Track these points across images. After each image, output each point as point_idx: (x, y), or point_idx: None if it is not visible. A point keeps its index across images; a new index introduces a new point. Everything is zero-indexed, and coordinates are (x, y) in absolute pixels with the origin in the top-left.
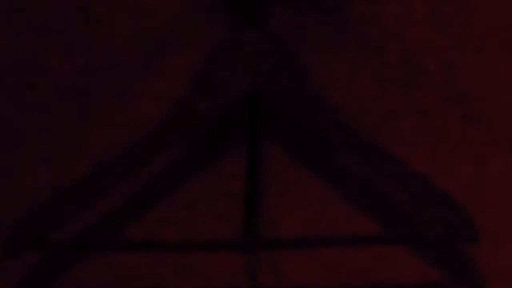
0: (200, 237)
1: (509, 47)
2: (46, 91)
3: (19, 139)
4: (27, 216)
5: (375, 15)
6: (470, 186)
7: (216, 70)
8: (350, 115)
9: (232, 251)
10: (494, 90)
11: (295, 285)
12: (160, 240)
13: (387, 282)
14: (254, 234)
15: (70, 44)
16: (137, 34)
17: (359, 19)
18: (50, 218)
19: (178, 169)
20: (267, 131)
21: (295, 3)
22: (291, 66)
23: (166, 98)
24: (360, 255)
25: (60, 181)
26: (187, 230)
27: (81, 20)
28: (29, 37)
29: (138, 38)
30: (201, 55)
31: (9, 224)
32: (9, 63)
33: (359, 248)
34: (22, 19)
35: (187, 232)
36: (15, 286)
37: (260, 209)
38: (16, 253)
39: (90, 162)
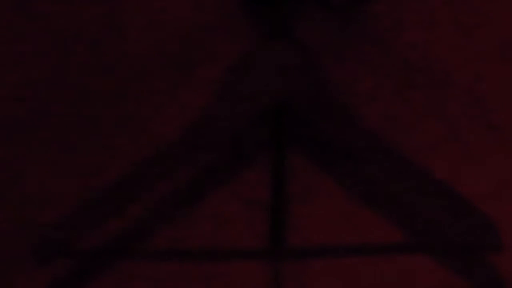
0: (224, 246)
1: None
2: (74, 101)
3: (46, 148)
4: (54, 225)
5: (399, 23)
6: (494, 194)
7: (242, 80)
8: (374, 125)
9: (257, 261)
10: None
11: None
12: (185, 249)
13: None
14: (279, 243)
15: (96, 53)
16: (164, 43)
17: (383, 28)
18: (76, 226)
19: (204, 177)
20: (292, 140)
21: (320, 14)
22: (316, 76)
23: (192, 107)
24: (385, 265)
25: (87, 190)
26: (212, 239)
27: (107, 30)
28: (56, 45)
29: (165, 48)
30: (227, 64)
31: (36, 232)
32: (36, 70)
33: (384, 258)
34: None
35: (211, 241)
36: None
37: (285, 218)
38: (43, 262)
39: (116, 171)
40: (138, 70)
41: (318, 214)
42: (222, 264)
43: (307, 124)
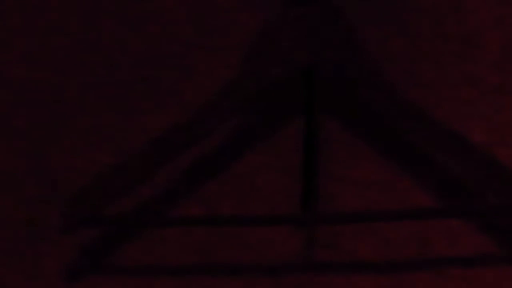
0: (257, 211)
1: None
2: (102, 81)
3: (73, 120)
4: (82, 192)
5: None
6: None
7: (273, 44)
8: (407, 89)
9: (289, 225)
10: None
11: (351, 259)
12: (217, 214)
13: (444, 253)
14: (311, 208)
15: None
16: (192, 7)
17: None
18: (105, 193)
19: (236, 142)
20: (324, 105)
21: None
22: (348, 39)
23: (220, 74)
24: (416, 227)
25: (115, 156)
26: (244, 204)
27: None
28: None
29: (193, 12)
30: (258, 28)
31: (65, 200)
32: (60, 49)
33: (416, 221)
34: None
35: (243, 206)
36: (70, 262)
37: (317, 184)
38: (71, 229)
39: (145, 138)
40: (168, 34)
41: (351, 179)
42: (254, 229)
43: (339, 88)
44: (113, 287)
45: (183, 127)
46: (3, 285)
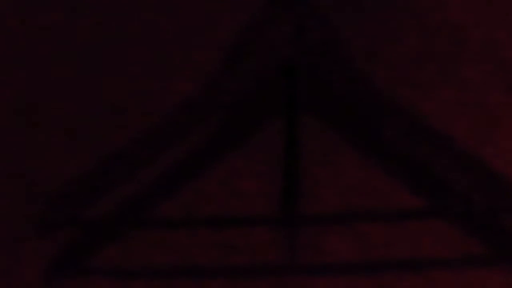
0: (237, 212)
1: None
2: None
3: (55, 121)
4: (59, 195)
5: None
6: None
7: (254, 43)
8: (389, 87)
9: (270, 226)
10: None
11: (332, 260)
12: (198, 215)
13: (426, 254)
14: (292, 210)
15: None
16: (179, 8)
17: None
18: (82, 196)
19: (216, 142)
20: (305, 102)
21: None
22: (330, 40)
23: (205, 70)
24: (397, 228)
25: (96, 157)
26: (224, 205)
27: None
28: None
29: (180, 13)
30: (241, 28)
31: (42, 202)
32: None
33: (397, 222)
34: None
35: (224, 208)
36: (47, 265)
37: (299, 183)
38: (47, 231)
39: (125, 139)
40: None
41: (332, 176)
42: (236, 230)
43: (320, 86)
44: (91, 287)
45: (164, 127)
46: None
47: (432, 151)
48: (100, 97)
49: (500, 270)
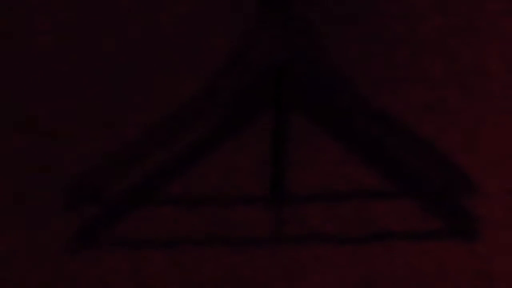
0: (232, 193)
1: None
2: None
3: (80, 106)
4: (85, 174)
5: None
6: (467, 149)
7: (248, 48)
8: (364, 86)
9: (261, 204)
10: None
11: (314, 232)
12: (198, 195)
13: (393, 228)
14: (279, 190)
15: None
16: (183, 16)
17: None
18: (102, 178)
19: (215, 134)
20: (291, 100)
21: None
22: (313, 44)
23: (205, 72)
24: (369, 207)
25: (113, 145)
26: (221, 186)
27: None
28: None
29: (185, 18)
30: (235, 35)
31: (68, 183)
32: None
33: (370, 201)
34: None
35: (221, 189)
36: (71, 237)
37: (285, 168)
38: (73, 208)
39: (139, 128)
40: (160, 40)
41: (313, 163)
42: (232, 208)
43: (304, 87)
44: (109, 258)
45: (171, 120)
46: (14, 258)
47: (399, 142)
48: (116, 95)
49: (453, 242)
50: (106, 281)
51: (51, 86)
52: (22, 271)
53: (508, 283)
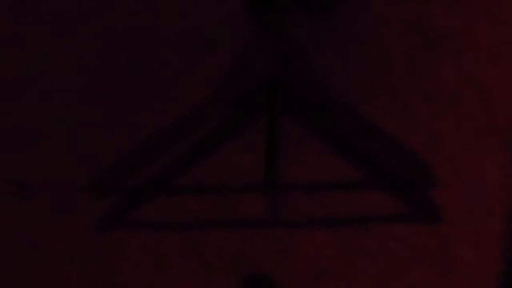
0: (233, 183)
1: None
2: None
3: (106, 107)
4: (109, 168)
5: (357, 19)
6: (428, 145)
7: (246, 63)
8: (341, 93)
9: (258, 193)
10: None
11: (304, 217)
12: (205, 185)
13: (368, 212)
14: (273, 181)
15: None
16: (187, 33)
17: (347, 25)
18: (125, 169)
19: (218, 134)
20: (282, 106)
21: (303, 13)
22: (301, 60)
23: (209, 82)
24: (350, 195)
25: (132, 144)
26: (224, 178)
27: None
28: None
29: (190, 38)
30: (235, 51)
31: (97, 173)
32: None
33: (350, 191)
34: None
35: (224, 179)
36: (99, 219)
37: (278, 163)
38: (101, 194)
39: (153, 131)
40: (173, 53)
41: (303, 159)
42: (234, 197)
43: (294, 95)
44: (131, 238)
45: (181, 122)
46: (52, 240)
47: (374, 141)
48: (134, 104)
49: (418, 225)
50: (128, 257)
51: (86, 92)
52: (58, 250)
53: (465, 258)
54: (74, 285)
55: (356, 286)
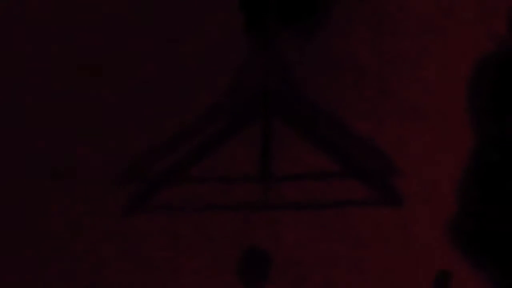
0: (233, 174)
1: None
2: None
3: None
4: (133, 161)
5: (335, 34)
6: (395, 142)
7: (242, 76)
8: (329, 103)
9: (253, 182)
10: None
11: (291, 203)
12: (210, 176)
13: (345, 197)
14: (266, 174)
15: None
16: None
17: (328, 37)
18: (145, 163)
19: (219, 137)
20: (276, 115)
21: (289, 32)
22: (291, 75)
23: (210, 94)
24: (329, 184)
25: (152, 142)
26: (225, 169)
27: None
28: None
29: (192, 58)
30: (232, 66)
31: (122, 165)
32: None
33: (329, 180)
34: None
35: (224, 171)
36: (125, 202)
37: (270, 158)
38: (126, 182)
39: (171, 130)
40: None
41: (290, 155)
42: (231, 185)
43: (285, 104)
44: (151, 220)
45: (192, 125)
46: (82, 221)
47: (348, 141)
48: (153, 112)
49: (383, 208)
50: (149, 235)
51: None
52: (88, 230)
53: (421, 236)
54: (109, 259)
55: (331, 253)
